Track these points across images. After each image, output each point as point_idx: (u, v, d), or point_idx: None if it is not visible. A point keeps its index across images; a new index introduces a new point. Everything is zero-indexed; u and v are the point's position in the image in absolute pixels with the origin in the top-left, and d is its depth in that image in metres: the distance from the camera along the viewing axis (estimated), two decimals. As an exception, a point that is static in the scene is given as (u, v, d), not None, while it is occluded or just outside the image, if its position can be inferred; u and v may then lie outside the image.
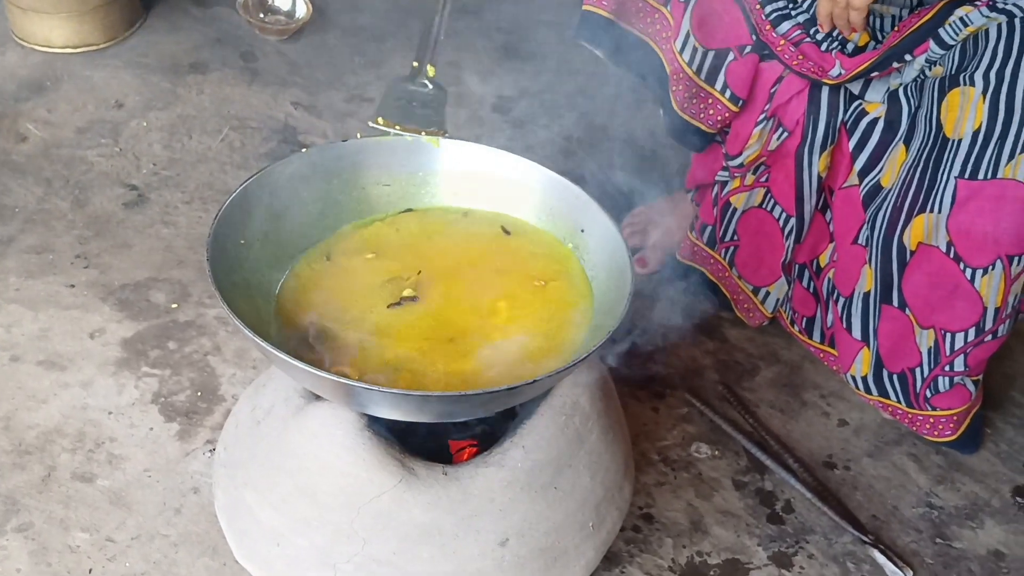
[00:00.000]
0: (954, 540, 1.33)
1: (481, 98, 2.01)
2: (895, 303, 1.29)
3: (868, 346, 1.35)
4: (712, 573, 1.26)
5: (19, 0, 1.91)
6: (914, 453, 1.43)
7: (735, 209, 1.50)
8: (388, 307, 1.06)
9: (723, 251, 1.55)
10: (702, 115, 1.42)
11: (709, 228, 1.56)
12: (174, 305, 1.52)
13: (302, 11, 2.08)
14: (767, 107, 1.38)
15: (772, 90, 1.37)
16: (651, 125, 1.98)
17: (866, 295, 1.32)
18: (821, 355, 1.50)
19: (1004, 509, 1.37)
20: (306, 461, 1.01)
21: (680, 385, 1.49)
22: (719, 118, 1.42)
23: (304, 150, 1.12)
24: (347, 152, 1.15)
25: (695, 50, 1.36)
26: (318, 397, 1.03)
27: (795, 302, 1.52)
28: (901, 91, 1.30)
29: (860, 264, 1.34)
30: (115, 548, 1.21)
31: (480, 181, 1.18)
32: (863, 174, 1.34)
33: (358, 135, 1.17)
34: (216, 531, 1.22)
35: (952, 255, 1.21)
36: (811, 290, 1.48)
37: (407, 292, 1.08)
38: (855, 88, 1.35)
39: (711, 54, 1.36)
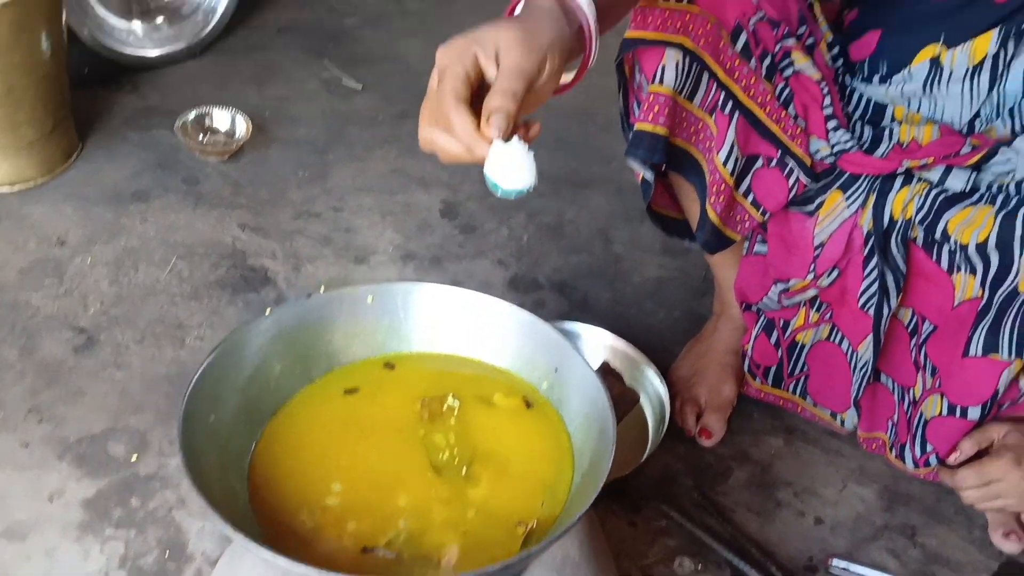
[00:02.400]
0: (942, 638, 1.32)
1: (429, 205, 1.99)
2: None
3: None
4: None
5: (-50, 140, 1.85)
6: (892, 548, 1.42)
7: (803, 345, 1.48)
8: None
9: (791, 384, 1.53)
10: (738, 227, 1.40)
11: (772, 369, 1.53)
12: (134, 457, 1.46)
13: (242, 130, 2.05)
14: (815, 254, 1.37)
15: (814, 239, 1.36)
16: (599, 224, 1.99)
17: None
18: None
19: (986, 599, 1.37)
20: (295, 645, 0.96)
21: (655, 495, 1.47)
22: (748, 226, 1.40)
23: (267, 311, 1.09)
24: (312, 307, 1.12)
25: (737, 160, 1.34)
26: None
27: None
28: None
29: (991, 371, 1.29)
30: None
31: (447, 324, 1.15)
32: (994, 285, 1.27)
33: (321, 289, 1.14)
34: None
35: None
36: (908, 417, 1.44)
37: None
38: (933, 176, 1.30)
39: (744, 159, 1.35)
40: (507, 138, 0.92)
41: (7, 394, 1.54)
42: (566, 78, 1.04)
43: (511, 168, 0.93)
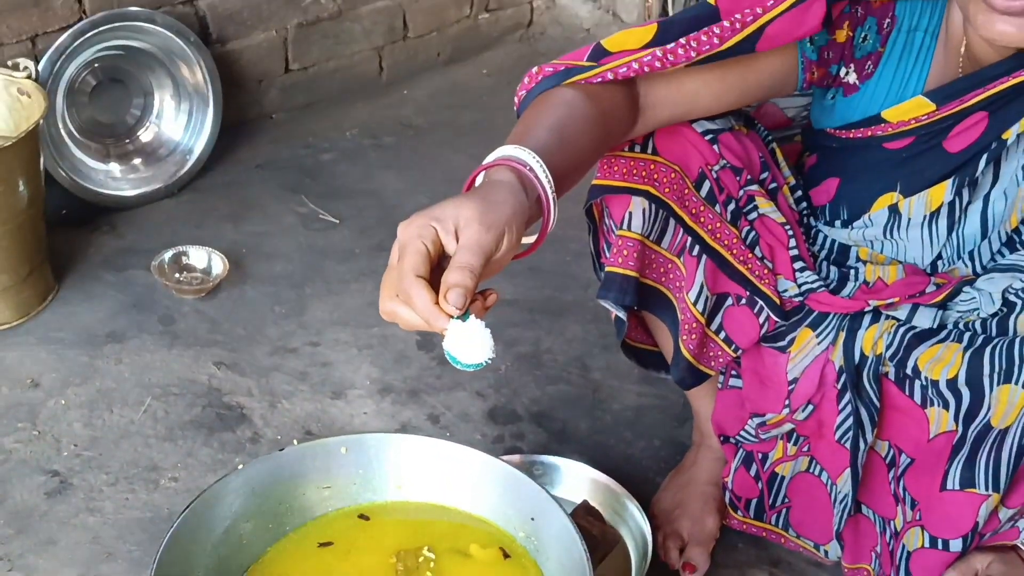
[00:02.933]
0: None
1: (405, 337, 1.99)
2: None
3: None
4: None
5: (-75, 286, 1.85)
6: None
7: (783, 477, 1.48)
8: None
9: (773, 516, 1.51)
10: (712, 362, 1.41)
11: (754, 501, 1.52)
12: (105, 609, 1.43)
13: (218, 267, 2.06)
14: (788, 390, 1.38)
15: (787, 374, 1.38)
16: (577, 352, 2.00)
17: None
18: None
19: None
20: None
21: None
22: (721, 361, 1.41)
23: (239, 467, 1.08)
24: (284, 461, 1.11)
25: (707, 299, 1.36)
26: None
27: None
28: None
29: (969, 504, 1.29)
30: None
31: (422, 474, 1.15)
32: (967, 420, 1.27)
33: (295, 442, 1.13)
34: None
35: None
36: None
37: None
38: (900, 314, 1.33)
39: (714, 298, 1.37)
40: (464, 312, 0.94)
41: (-25, 546, 1.51)
42: (528, 240, 1.07)
43: (468, 344, 0.97)
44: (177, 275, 2.05)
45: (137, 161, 2.29)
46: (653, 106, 1.26)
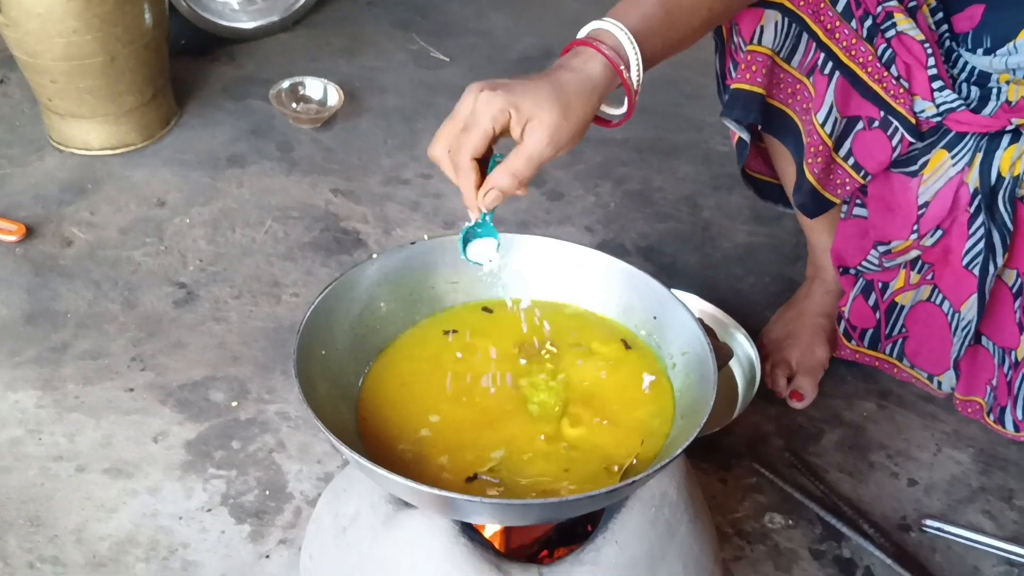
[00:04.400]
0: (1041, 600, 1.30)
1: (515, 172, 2.01)
2: None
3: None
4: (801, 649, 1.23)
5: (56, 106, 1.92)
6: (988, 510, 1.41)
7: (902, 307, 1.48)
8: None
9: (888, 346, 1.52)
10: (837, 190, 1.41)
11: (870, 331, 1.53)
12: (234, 403, 1.51)
13: (334, 99, 2.10)
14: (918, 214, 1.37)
15: (918, 198, 1.36)
16: (687, 191, 1.99)
17: None
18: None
19: (1086, 563, 1.35)
20: (401, 572, 0.99)
21: (746, 454, 1.47)
22: (848, 188, 1.40)
23: (374, 255, 1.12)
24: (415, 253, 1.15)
25: (836, 121, 1.34)
26: (407, 504, 1.02)
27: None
28: None
29: None
30: (199, 661, 1.19)
31: (545, 274, 1.17)
32: None
33: (425, 236, 1.17)
34: (299, 637, 1.20)
35: None
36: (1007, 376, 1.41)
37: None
38: None
39: (844, 121, 1.35)
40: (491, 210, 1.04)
41: (111, 344, 1.60)
42: (613, 112, 1.11)
43: (479, 244, 1.10)
44: (294, 104, 2.09)
45: (254, -7, 2.32)
46: None
